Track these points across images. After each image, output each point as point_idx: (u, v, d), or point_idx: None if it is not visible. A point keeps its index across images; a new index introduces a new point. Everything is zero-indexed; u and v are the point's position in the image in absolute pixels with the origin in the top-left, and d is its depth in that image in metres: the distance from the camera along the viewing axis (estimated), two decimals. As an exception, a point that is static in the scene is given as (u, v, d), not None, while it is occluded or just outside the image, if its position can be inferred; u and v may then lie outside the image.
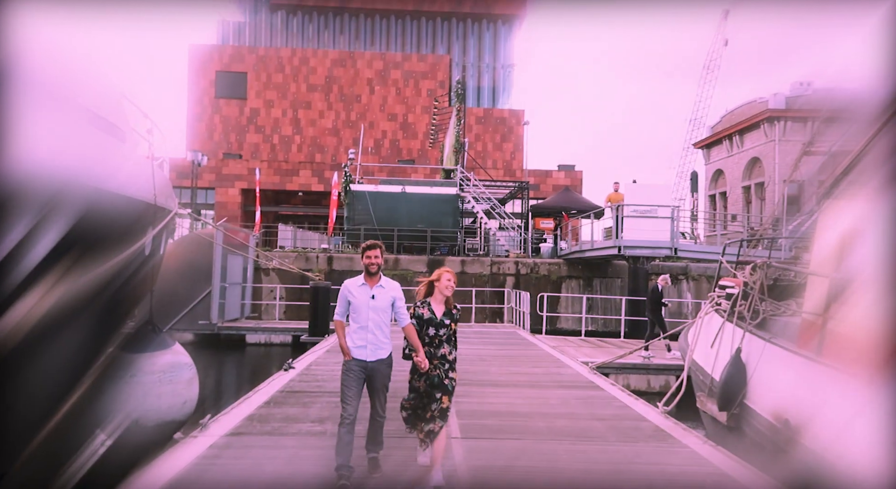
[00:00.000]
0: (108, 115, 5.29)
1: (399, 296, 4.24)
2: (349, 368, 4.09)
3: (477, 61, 38.52)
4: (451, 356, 4.17)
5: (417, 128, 36.17)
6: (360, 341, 4.13)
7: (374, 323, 4.13)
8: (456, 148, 21.25)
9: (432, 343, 4.14)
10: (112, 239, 5.14)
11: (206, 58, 36.01)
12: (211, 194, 31.55)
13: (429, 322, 4.16)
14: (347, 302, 4.20)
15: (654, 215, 13.28)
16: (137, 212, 5.97)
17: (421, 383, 4.08)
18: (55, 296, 4.33)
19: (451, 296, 4.25)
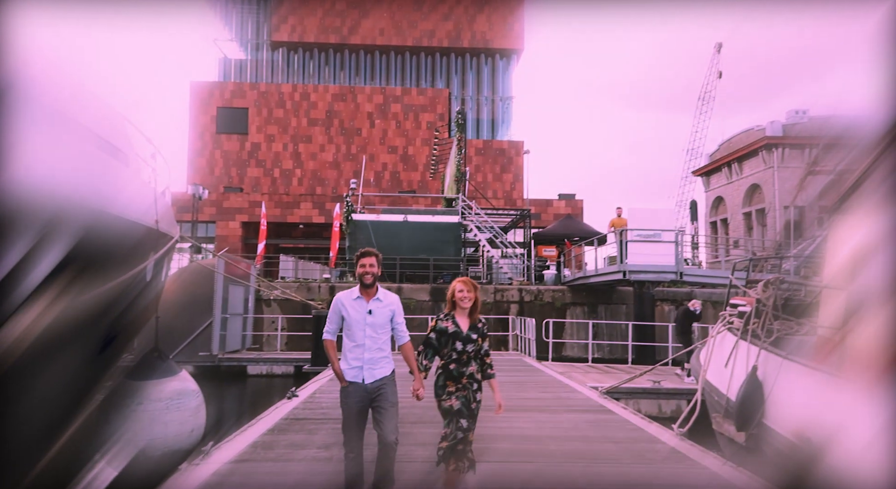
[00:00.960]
0: (112, 138, 5.26)
1: (399, 310, 3.82)
2: (347, 395, 3.63)
3: (476, 94, 39.03)
4: (479, 375, 3.81)
5: (418, 160, 36.42)
6: (354, 361, 3.65)
7: (371, 341, 3.67)
8: (457, 177, 21.33)
9: (460, 360, 3.74)
10: (112, 262, 5.05)
11: (207, 94, 36.48)
12: (212, 228, 31.58)
13: (454, 336, 3.74)
14: (340, 317, 3.72)
15: (657, 240, 13.22)
16: (139, 236, 5.89)
17: (453, 400, 3.69)
18: (54, 317, 4.23)
19: (476, 309, 3.87)
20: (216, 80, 38.20)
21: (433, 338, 3.80)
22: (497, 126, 39.51)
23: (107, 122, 5.19)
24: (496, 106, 39.45)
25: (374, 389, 3.64)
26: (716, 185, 29.47)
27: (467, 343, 3.76)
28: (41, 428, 5.22)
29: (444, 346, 3.78)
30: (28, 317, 3.86)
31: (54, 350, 4.70)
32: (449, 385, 3.74)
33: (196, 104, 36.43)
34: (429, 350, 3.81)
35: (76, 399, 5.80)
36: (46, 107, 4.07)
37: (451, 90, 38.26)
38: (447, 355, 3.75)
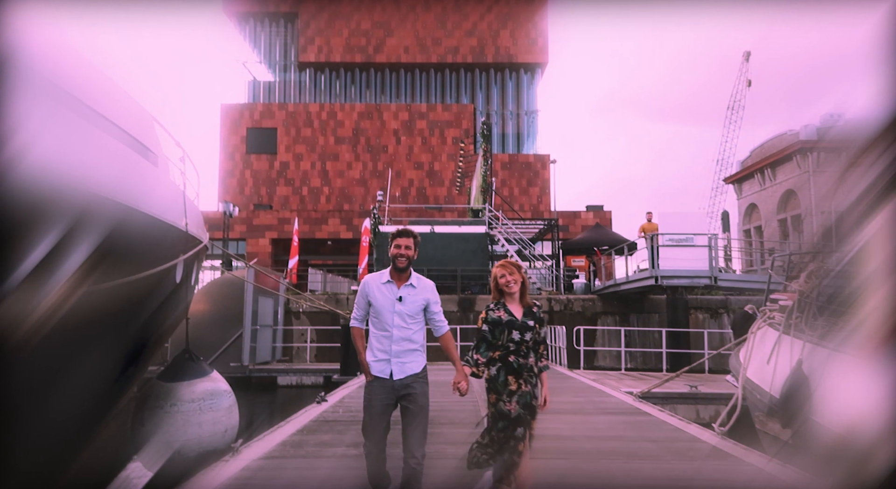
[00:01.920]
0: (142, 137, 5.33)
1: (434, 298, 3.41)
2: (371, 391, 3.27)
3: (501, 109, 39.09)
4: (536, 368, 3.39)
5: (443, 175, 36.51)
6: (381, 354, 3.27)
7: (399, 331, 3.28)
8: (483, 188, 21.28)
9: (518, 351, 3.30)
10: (141, 258, 5.08)
11: (237, 115, 37.23)
12: (242, 245, 32.00)
13: (510, 325, 3.32)
14: (367, 303, 3.36)
15: (690, 244, 12.93)
16: (168, 237, 5.94)
17: (513, 405, 3.23)
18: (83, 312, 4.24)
19: (526, 291, 3.46)
20: (246, 102, 38.98)
21: (487, 331, 3.37)
22: (522, 140, 39.46)
23: (137, 121, 5.25)
24: (521, 120, 39.45)
25: (401, 387, 3.25)
26: (748, 192, 28.88)
27: (525, 331, 3.34)
28: (76, 427, 5.24)
29: (499, 338, 3.35)
30: (58, 311, 3.87)
31: (86, 345, 4.72)
32: (511, 382, 3.28)
33: (227, 125, 37.19)
34: (482, 344, 3.37)
35: (110, 399, 5.83)
36: (78, 102, 4.12)
37: (475, 105, 38.40)
38: (503, 347, 3.33)
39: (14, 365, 3.68)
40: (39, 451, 4.37)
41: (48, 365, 4.17)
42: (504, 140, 39.40)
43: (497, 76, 39.48)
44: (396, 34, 38.49)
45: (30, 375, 4.00)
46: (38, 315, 3.43)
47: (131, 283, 4.47)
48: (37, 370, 4.07)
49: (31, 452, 4.14)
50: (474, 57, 38.50)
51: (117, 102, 4.85)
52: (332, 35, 38.56)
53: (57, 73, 3.85)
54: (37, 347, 3.82)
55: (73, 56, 4.25)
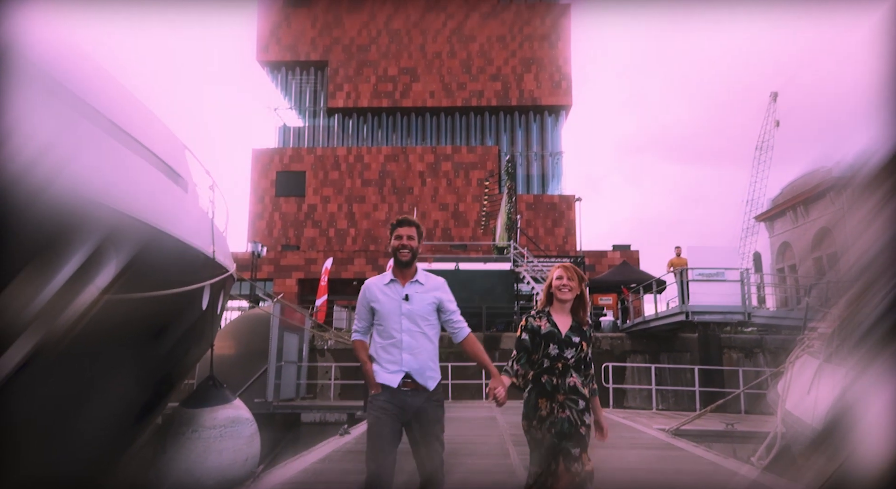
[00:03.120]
0: (174, 163, 5.45)
1: (447, 296, 2.96)
2: (377, 407, 2.75)
3: (525, 150, 39.41)
4: (585, 389, 2.90)
5: (469, 216, 36.66)
6: (390, 365, 2.79)
7: (409, 337, 2.80)
8: (508, 225, 21.27)
9: (553, 369, 2.87)
10: (168, 281, 5.12)
11: (267, 160, 38.14)
12: (269, 285, 32.28)
13: (548, 337, 2.90)
14: (370, 309, 2.93)
15: (721, 279, 12.65)
16: (195, 262, 5.99)
17: (544, 433, 2.79)
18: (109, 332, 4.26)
19: (580, 308, 3.05)
20: (276, 147, 39.98)
21: (526, 339, 2.95)
22: (547, 181, 39.58)
23: (170, 147, 5.38)
24: (546, 161, 39.67)
25: (413, 407, 2.76)
26: (780, 230, 28.36)
27: (566, 347, 2.91)
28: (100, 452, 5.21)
29: (535, 352, 2.94)
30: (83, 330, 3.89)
31: (111, 367, 4.73)
32: (541, 405, 2.84)
33: (257, 169, 38.08)
34: (522, 354, 2.94)
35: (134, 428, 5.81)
36: (114, 126, 4.24)
37: (500, 147, 38.79)
38: (537, 363, 2.92)
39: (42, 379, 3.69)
40: (68, 465, 4.34)
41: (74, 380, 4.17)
42: (529, 181, 39.57)
43: (521, 119, 39.96)
44: (423, 80, 39.39)
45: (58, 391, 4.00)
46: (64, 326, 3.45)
47: (156, 303, 4.49)
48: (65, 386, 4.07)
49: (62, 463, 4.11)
50: (499, 100, 39.10)
51: (151, 128, 4.98)
52: (360, 81, 39.61)
53: (95, 98, 3.98)
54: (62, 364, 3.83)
55: (113, 83, 4.40)
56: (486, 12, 39.40)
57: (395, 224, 3.13)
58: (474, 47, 39.30)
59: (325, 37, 39.75)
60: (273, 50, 40.02)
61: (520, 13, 39.56)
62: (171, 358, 6.10)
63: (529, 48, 39.25)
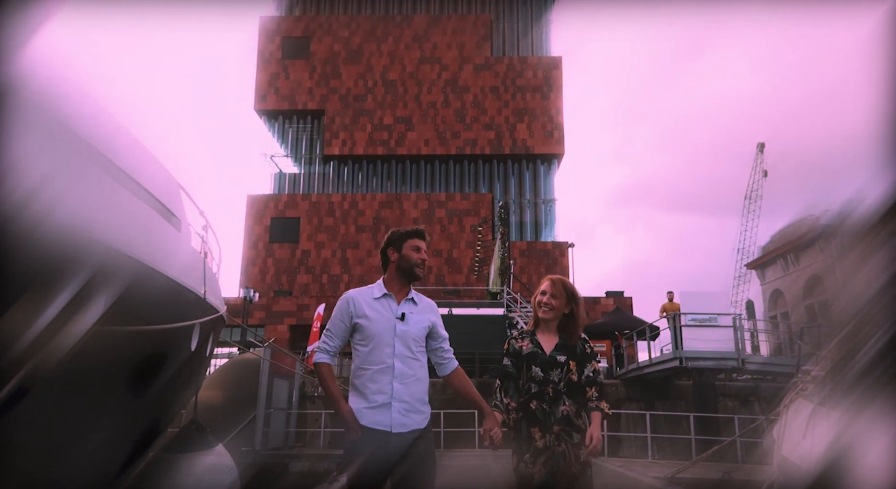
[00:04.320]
0: (167, 201, 5.49)
1: (439, 320, 2.65)
2: (358, 451, 2.31)
3: (518, 198, 39.87)
4: (580, 420, 2.60)
5: (462, 263, 36.74)
6: (378, 396, 2.35)
7: (402, 363, 2.41)
8: (501, 270, 21.31)
9: (543, 394, 2.59)
10: (156, 318, 5.09)
11: (262, 206, 38.38)
12: (261, 332, 31.95)
13: (529, 358, 2.65)
14: (349, 327, 2.48)
15: (714, 324, 12.64)
16: (185, 301, 5.97)
17: (537, 468, 2.52)
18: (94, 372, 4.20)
19: (571, 327, 2.75)
20: (271, 193, 40.29)
21: (509, 365, 2.72)
22: (540, 228, 39.90)
23: (164, 185, 5.43)
24: (539, 209, 40.09)
25: (400, 448, 2.32)
26: (772, 277, 28.52)
27: (550, 368, 2.63)
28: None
29: (520, 376, 2.71)
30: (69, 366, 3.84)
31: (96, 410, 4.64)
32: (535, 435, 2.56)
33: (252, 215, 38.26)
34: (508, 384, 2.70)
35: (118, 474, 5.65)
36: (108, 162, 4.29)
37: (494, 195, 39.24)
38: (525, 388, 2.67)
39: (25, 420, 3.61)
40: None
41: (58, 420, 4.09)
42: (522, 228, 39.86)
43: (514, 167, 40.57)
44: (417, 128, 40.13)
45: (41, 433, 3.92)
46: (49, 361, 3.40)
47: (144, 340, 4.45)
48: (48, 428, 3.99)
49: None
50: (492, 148, 39.78)
51: (147, 166, 5.05)
52: (356, 130, 40.30)
53: (91, 134, 4.04)
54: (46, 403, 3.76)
55: (111, 120, 4.47)
56: (479, 64, 40.52)
57: (408, 233, 2.70)
58: (468, 97, 40.23)
59: (322, 87, 40.64)
60: (271, 99, 40.82)
61: (512, 65, 40.70)
62: (159, 401, 5.99)
63: (522, 99, 40.20)
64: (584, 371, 2.71)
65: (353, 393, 2.46)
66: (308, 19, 41.66)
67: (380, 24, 41.38)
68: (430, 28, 41.07)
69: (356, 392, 2.45)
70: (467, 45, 40.67)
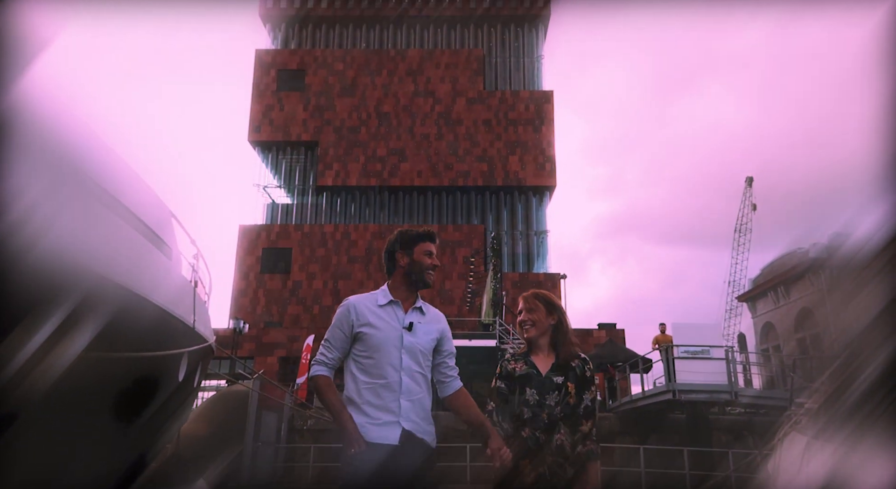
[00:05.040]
0: (158, 229, 5.47)
1: (448, 332, 2.44)
2: (358, 467, 2.09)
3: (510, 229, 40.03)
4: (575, 452, 2.33)
5: (454, 294, 36.61)
6: (382, 413, 2.15)
7: (409, 377, 2.21)
8: (493, 301, 21.24)
9: (537, 421, 2.34)
10: (144, 346, 5.01)
11: (254, 236, 38.31)
12: (250, 364, 31.52)
13: (523, 380, 2.42)
14: (352, 336, 2.27)
15: (707, 356, 12.60)
16: (174, 330, 5.90)
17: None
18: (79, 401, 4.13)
19: (563, 340, 2.52)
20: (263, 223, 40.26)
21: (503, 387, 2.50)
22: (532, 260, 39.96)
23: (155, 213, 5.42)
24: (531, 240, 40.23)
25: (409, 466, 2.15)
26: (763, 310, 28.58)
27: (546, 391, 2.38)
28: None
29: (516, 398, 2.47)
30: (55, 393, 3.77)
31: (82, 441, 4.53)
32: (523, 469, 2.29)
33: (243, 246, 38.14)
34: (504, 406, 2.48)
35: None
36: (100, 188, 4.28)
37: (486, 226, 39.37)
38: (517, 414, 2.44)
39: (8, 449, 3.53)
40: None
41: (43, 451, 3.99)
42: (514, 260, 39.91)
43: (507, 198, 40.83)
44: (411, 160, 40.43)
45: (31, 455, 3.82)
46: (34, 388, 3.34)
47: (130, 368, 4.38)
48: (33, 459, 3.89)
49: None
50: (485, 180, 40.06)
51: (139, 193, 5.04)
52: (350, 161, 40.56)
53: (83, 161, 4.03)
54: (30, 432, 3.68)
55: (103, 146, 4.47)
56: (472, 98, 41.09)
57: (420, 235, 2.43)
58: (461, 130, 40.67)
59: (316, 119, 41.01)
60: (265, 131, 41.10)
61: (504, 99, 41.30)
62: (145, 433, 5.87)
63: (514, 132, 40.68)
64: (582, 397, 2.46)
65: (353, 410, 2.19)
66: (303, 53, 42.28)
67: (374, 57, 42.04)
68: (424, 62, 41.75)
69: (356, 409, 2.19)
70: (460, 78, 41.31)
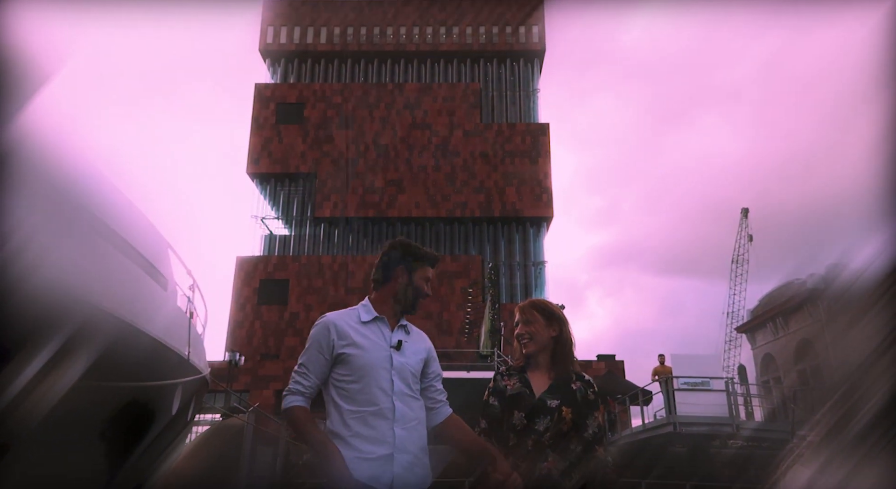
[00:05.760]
0: (154, 259, 5.45)
1: (434, 353, 2.21)
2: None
3: (508, 260, 40.04)
4: (569, 481, 2.05)
5: (452, 325, 36.43)
6: (377, 447, 1.88)
7: (402, 403, 1.98)
8: (491, 332, 21.10)
9: (522, 445, 2.07)
10: (138, 378, 4.95)
11: (251, 268, 38.24)
12: (245, 397, 31.13)
13: (513, 402, 2.15)
14: (333, 359, 2.02)
15: (707, 388, 12.48)
16: (168, 361, 5.84)
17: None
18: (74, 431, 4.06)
19: (563, 356, 2.23)
20: (260, 254, 40.24)
21: (496, 406, 2.22)
22: (531, 290, 39.87)
23: (152, 244, 5.41)
24: (528, 271, 40.22)
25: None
26: (762, 341, 28.42)
27: (537, 415, 2.10)
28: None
29: (503, 421, 2.19)
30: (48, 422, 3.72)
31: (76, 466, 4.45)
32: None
33: (240, 277, 38.04)
34: (495, 427, 2.21)
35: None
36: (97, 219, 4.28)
37: (483, 257, 39.40)
38: (503, 439, 2.16)
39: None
40: None
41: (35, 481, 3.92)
42: (512, 291, 39.82)
43: (504, 229, 40.96)
44: (408, 191, 40.67)
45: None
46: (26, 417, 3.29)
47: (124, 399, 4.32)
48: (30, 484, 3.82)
49: None
50: (482, 211, 40.24)
51: (135, 223, 5.04)
52: (348, 192, 40.76)
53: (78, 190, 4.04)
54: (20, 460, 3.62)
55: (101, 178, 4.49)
56: (469, 130, 41.56)
57: (427, 257, 2.20)
58: (458, 162, 41.02)
59: (314, 150, 41.36)
60: (264, 163, 41.41)
61: (501, 131, 41.77)
62: (138, 467, 5.76)
63: (511, 163, 41.03)
64: (585, 423, 2.16)
65: (340, 445, 1.92)
66: (302, 86, 42.87)
67: (372, 91, 42.64)
68: (422, 95, 42.33)
69: (344, 443, 1.91)
70: (457, 111, 41.84)
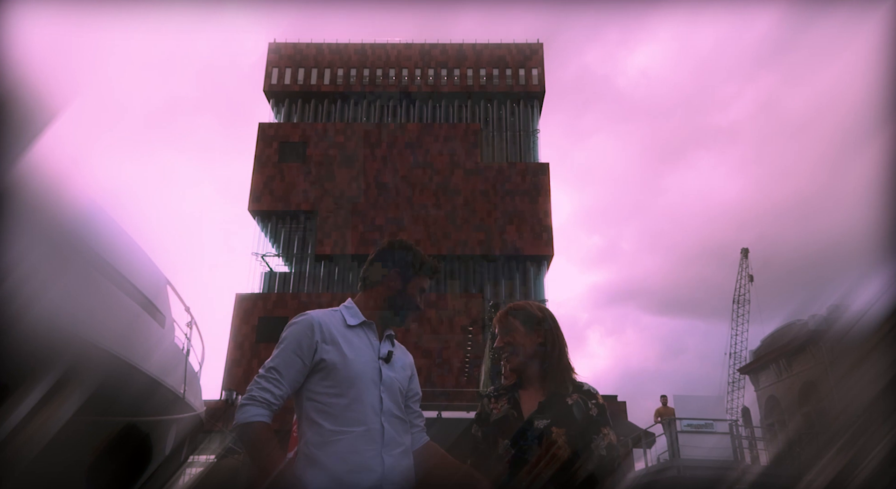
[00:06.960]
0: (153, 296, 5.44)
1: (415, 371, 1.99)
2: None
3: (509, 298, 39.88)
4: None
5: (452, 364, 36.06)
6: (364, 474, 1.63)
7: (390, 425, 1.73)
8: (492, 371, 20.84)
9: (517, 483, 1.74)
10: (130, 415, 4.88)
11: (250, 305, 38.06)
12: (241, 436, 30.60)
13: (498, 428, 1.85)
14: (310, 365, 1.78)
15: (711, 431, 12.26)
16: (163, 399, 5.76)
17: None
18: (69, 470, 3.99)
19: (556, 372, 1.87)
20: (259, 292, 40.09)
21: (479, 437, 1.94)
22: (531, 329, 39.61)
23: (150, 279, 5.40)
24: (529, 310, 40.02)
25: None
26: (766, 383, 28.07)
27: (524, 440, 1.77)
28: None
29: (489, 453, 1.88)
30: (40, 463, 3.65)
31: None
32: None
33: (239, 315, 37.81)
34: (479, 462, 1.91)
35: None
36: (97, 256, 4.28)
37: (484, 295, 39.24)
38: (495, 475, 1.84)
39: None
40: None
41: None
42: (513, 329, 39.55)
43: (505, 268, 40.93)
44: (409, 229, 40.80)
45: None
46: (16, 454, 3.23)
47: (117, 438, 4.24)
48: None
49: None
50: (482, 249, 40.30)
51: (134, 259, 5.04)
52: (349, 230, 40.90)
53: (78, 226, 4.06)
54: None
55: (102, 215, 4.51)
56: (469, 169, 41.96)
57: (425, 266, 1.98)
58: (459, 200, 41.28)
59: (316, 188, 41.66)
60: (265, 200, 41.66)
61: (501, 171, 42.17)
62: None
63: (511, 202, 41.28)
64: (588, 446, 1.75)
65: (316, 470, 1.66)
66: (305, 125, 43.49)
67: (374, 130, 43.23)
68: (423, 135, 42.90)
69: (321, 470, 1.65)
70: (458, 151, 42.33)
